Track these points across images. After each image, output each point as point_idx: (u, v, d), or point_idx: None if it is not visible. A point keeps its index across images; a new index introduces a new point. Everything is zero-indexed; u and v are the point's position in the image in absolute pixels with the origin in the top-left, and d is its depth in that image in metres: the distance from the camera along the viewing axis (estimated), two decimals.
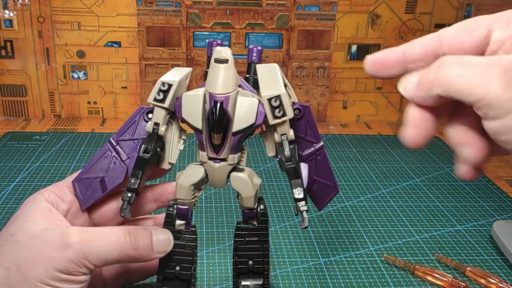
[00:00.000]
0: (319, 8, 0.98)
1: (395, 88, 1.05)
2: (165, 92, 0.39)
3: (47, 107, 1.01)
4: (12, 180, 0.74)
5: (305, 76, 1.02)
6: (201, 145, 0.40)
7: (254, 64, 0.42)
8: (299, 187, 0.39)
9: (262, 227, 0.43)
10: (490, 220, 0.68)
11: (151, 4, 0.95)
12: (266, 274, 0.44)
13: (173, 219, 0.42)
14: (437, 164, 0.85)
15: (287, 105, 0.38)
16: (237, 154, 0.40)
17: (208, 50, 0.42)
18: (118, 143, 0.42)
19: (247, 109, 0.38)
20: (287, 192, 0.72)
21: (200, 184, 0.41)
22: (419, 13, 1.00)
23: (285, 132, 0.39)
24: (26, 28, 0.95)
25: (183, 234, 0.42)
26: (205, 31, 0.98)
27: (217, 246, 0.60)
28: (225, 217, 0.66)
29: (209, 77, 0.38)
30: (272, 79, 0.39)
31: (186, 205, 0.41)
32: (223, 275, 0.55)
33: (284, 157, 0.39)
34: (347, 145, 0.93)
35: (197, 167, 0.41)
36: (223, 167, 0.40)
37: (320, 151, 0.42)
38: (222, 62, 0.37)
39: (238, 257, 0.43)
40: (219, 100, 0.37)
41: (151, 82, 1.00)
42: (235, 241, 0.43)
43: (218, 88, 0.37)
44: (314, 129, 0.41)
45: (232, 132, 0.38)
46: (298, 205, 0.39)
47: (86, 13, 0.95)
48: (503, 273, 0.57)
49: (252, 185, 0.40)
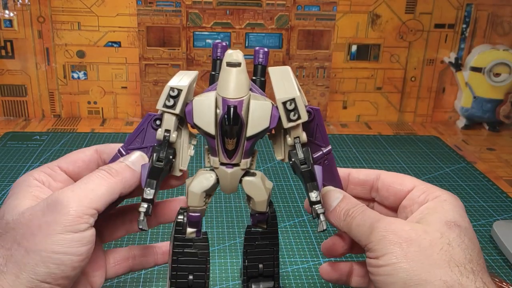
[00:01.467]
0: (319, 8, 0.98)
1: (395, 88, 1.06)
2: (175, 98, 0.38)
3: (47, 107, 1.01)
4: (12, 180, 0.74)
5: (305, 76, 1.02)
6: (212, 151, 0.39)
7: (260, 65, 0.41)
8: (315, 190, 0.39)
9: (272, 230, 0.43)
10: (490, 220, 0.68)
11: (151, 4, 0.95)
12: (277, 277, 0.43)
13: (184, 227, 0.41)
14: (437, 164, 0.85)
15: (301, 108, 0.38)
16: (249, 158, 0.40)
17: (213, 52, 0.42)
18: (128, 152, 0.41)
19: (260, 113, 0.38)
20: (287, 192, 0.72)
21: (211, 190, 0.40)
22: (419, 13, 1.00)
23: (298, 135, 0.39)
24: (26, 28, 0.95)
25: (195, 242, 0.41)
26: (205, 31, 0.98)
27: (217, 246, 0.60)
28: (225, 217, 0.66)
29: (220, 81, 0.37)
30: (286, 82, 0.38)
31: (198, 212, 0.41)
32: (223, 275, 0.55)
33: (299, 160, 0.39)
34: (347, 145, 0.93)
35: (207, 173, 0.40)
36: (236, 172, 0.39)
37: (328, 155, 0.41)
38: (234, 66, 0.36)
39: (249, 261, 0.43)
40: (232, 105, 0.36)
41: (151, 82, 1.00)
42: (245, 245, 0.43)
43: (231, 93, 0.36)
44: (323, 133, 0.41)
45: (246, 137, 0.38)
46: (315, 208, 0.39)
47: (86, 13, 0.95)
48: (503, 273, 0.57)
49: (265, 189, 0.40)
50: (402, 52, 1.03)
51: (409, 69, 1.04)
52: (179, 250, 0.41)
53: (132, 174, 0.39)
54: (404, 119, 1.08)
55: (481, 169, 0.85)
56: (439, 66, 1.05)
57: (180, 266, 0.41)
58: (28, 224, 0.35)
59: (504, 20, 1.03)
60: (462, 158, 0.88)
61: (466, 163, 0.86)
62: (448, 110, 1.09)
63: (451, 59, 1.03)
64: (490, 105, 1.02)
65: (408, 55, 1.03)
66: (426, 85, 1.06)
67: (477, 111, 1.03)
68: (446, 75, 1.06)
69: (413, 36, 1.02)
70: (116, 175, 0.38)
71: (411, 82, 1.05)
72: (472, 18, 1.02)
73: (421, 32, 1.02)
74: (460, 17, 1.01)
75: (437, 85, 1.06)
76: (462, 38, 1.03)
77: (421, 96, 1.07)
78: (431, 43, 1.03)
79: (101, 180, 0.38)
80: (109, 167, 0.39)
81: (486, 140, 1.00)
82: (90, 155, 0.43)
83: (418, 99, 1.07)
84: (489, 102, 1.02)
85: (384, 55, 1.03)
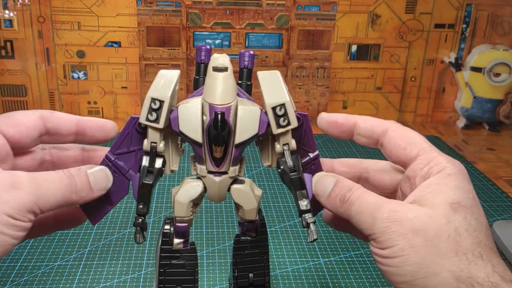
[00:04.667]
0: (319, 8, 0.98)
1: (395, 88, 1.05)
2: (157, 111, 0.36)
3: (47, 107, 1.01)
4: None
5: (305, 76, 1.02)
6: (199, 159, 0.38)
7: (246, 69, 0.40)
8: (305, 198, 0.38)
9: (261, 238, 0.42)
10: (490, 220, 0.68)
11: (151, 4, 0.95)
12: (268, 285, 0.42)
13: (171, 237, 0.39)
14: None
15: (291, 113, 0.37)
16: (237, 165, 0.38)
17: (197, 56, 0.40)
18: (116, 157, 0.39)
19: (249, 119, 0.36)
20: (287, 192, 0.72)
21: (198, 199, 0.39)
22: (419, 13, 1.00)
23: (287, 142, 0.38)
24: (26, 28, 0.95)
25: (182, 253, 0.40)
26: (205, 31, 0.98)
27: (217, 246, 0.60)
28: (225, 217, 0.66)
29: (207, 87, 0.36)
30: (275, 86, 0.37)
31: (185, 222, 0.39)
32: (223, 275, 0.55)
33: (288, 168, 0.38)
34: (347, 145, 0.93)
35: (194, 182, 0.38)
36: (225, 180, 0.38)
37: (315, 161, 0.40)
38: (221, 71, 0.35)
39: (239, 271, 0.42)
40: (220, 111, 0.35)
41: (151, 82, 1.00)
42: (234, 254, 0.42)
43: (218, 99, 0.35)
44: (310, 138, 0.40)
45: (234, 144, 0.37)
46: (305, 217, 0.37)
47: (86, 13, 0.95)
48: None
49: (254, 197, 0.39)
50: (402, 52, 1.03)
51: (409, 69, 1.04)
52: (166, 262, 0.40)
53: (90, 195, 0.37)
54: (404, 119, 1.08)
55: (481, 169, 0.85)
56: (439, 66, 1.05)
57: (168, 279, 0.40)
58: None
59: (504, 20, 1.03)
60: (462, 158, 0.88)
61: (466, 163, 0.86)
62: (448, 110, 1.09)
63: (451, 59, 1.03)
64: (490, 105, 1.02)
65: (408, 55, 1.03)
66: (426, 85, 1.06)
67: (477, 111, 1.03)
68: (446, 75, 1.06)
69: (413, 36, 1.02)
70: (76, 193, 0.36)
71: (411, 82, 1.05)
72: (472, 18, 1.02)
73: (421, 32, 1.02)
74: (460, 17, 1.01)
75: (437, 85, 1.06)
76: (462, 38, 1.03)
77: (421, 96, 1.07)
78: (431, 43, 1.03)
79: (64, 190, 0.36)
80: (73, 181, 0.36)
81: (486, 140, 1.00)
82: (34, 121, 0.39)
83: (418, 99, 1.07)
84: (489, 102, 1.02)
85: (384, 55, 1.03)
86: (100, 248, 0.59)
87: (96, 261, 0.57)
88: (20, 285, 0.53)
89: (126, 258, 0.58)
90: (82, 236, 0.62)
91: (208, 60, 0.39)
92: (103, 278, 0.55)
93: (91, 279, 0.54)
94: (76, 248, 0.59)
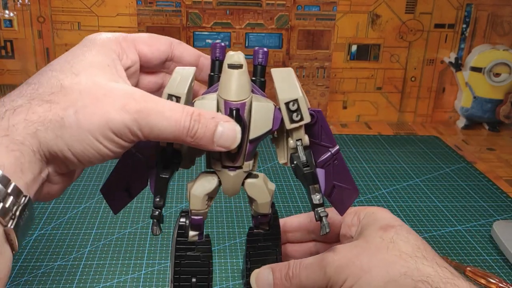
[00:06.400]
0: (319, 8, 0.98)
1: (395, 88, 1.05)
2: None
3: None
4: None
5: (305, 76, 1.02)
6: (214, 153, 0.39)
7: (260, 66, 0.41)
8: (318, 192, 0.39)
9: (274, 231, 0.43)
10: (490, 220, 0.68)
11: (151, 4, 0.95)
12: None
13: (186, 230, 0.41)
14: (437, 164, 0.85)
15: (304, 109, 0.37)
16: (251, 160, 0.39)
17: (212, 53, 0.41)
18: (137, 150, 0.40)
19: (263, 115, 0.37)
20: (287, 192, 0.72)
21: (213, 193, 0.40)
22: (419, 13, 1.00)
23: (301, 137, 0.38)
24: (26, 28, 0.95)
25: (197, 245, 0.41)
26: (205, 31, 0.98)
27: (217, 246, 0.60)
28: (225, 217, 0.66)
29: (222, 83, 0.37)
30: (288, 83, 0.38)
31: (200, 215, 0.40)
32: (223, 275, 0.55)
33: (301, 163, 0.38)
34: (347, 145, 0.93)
35: (209, 176, 0.40)
36: (239, 174, 0.39)
37: (336, 155, 0.41)
38: (236, 68, 0.36)
39: (252, 263, 0.43)
40: (235, 108, 0.36)
41: None
42: (248, 247, 0.43)
43: (233, 95, 0.36)
44: (328, 134, 0.40)
45: (249, 140, 0.37)
46: (318, 211, 0.38)
47: (86, 13, 0.95)
48: (503, 273, 0.57)
49: (267, 191, 0.40)
50: (402, 52, 1.03)
51: (409, 69, 1.04)
52: (181, 254, 0.41)
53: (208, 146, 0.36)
54: (404, 119, 1.08)
55: (481, 169, 0.85)
56: (439, 66, 1.05)
57: (183, 270, 0.41)
58: (95, 103, 0.33)
59: (504, 20, 1.03)
60: (462, 158, 0.88)
61: (466, 163, 0.86)
62: (448, 110, 1.09)
63: (451, 59, 1.03)
64: (490, 105, 1.02)
65: (408, 55, 1.03)
66: (426, 85, 1.06)
67: (477, 111, 1.03)
68: (446, 75, 1.06)
69: (413, 36, 1.02)
70: (192, 138, 0.35)
71: (411, 82, 1.05)
72: (472, 18, 1.02)
73: (421, 32, 1.02)
74: (460, 17, 1.01)
75: (437, 85, 1.06)
76: (462, 38, 1.03)
77: (421, 96, 1.07)
78: (431, 43, 1.03)
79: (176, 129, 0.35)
80: (194, 126, 0.35)
81: (486, 140, 1.00)
82: (166, 45, 0.42)
83: (418, 99, 1.07)
84: (489, 102, 1.02)
85: (384, 55, 1.03)
86: (100, 248, 0.59)
87: (96, 261, 0.57)
88: (20, 285, 0.53)
89: (126, 258, 0.58)
90: (82, 236, 0.62)
91: (223, 57, 0.40)
92: (103, 278, 0.55)
93: (91, 279, 0.54)
94: (76, 248, 0.59)
